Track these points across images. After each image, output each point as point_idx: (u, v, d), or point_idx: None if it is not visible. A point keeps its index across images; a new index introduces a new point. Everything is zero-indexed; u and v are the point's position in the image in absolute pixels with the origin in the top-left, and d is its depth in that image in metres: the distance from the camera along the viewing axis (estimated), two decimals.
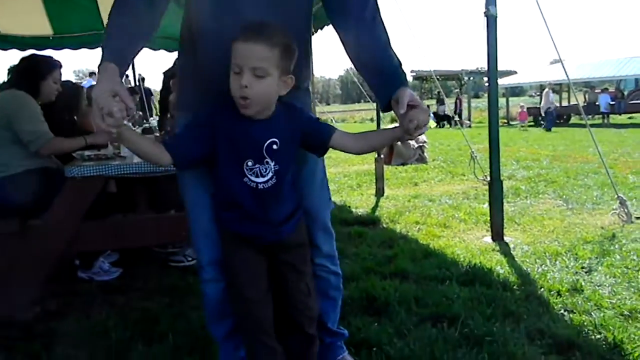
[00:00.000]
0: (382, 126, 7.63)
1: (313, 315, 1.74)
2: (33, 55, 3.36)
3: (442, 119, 21.71)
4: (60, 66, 3.33)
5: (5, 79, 3.35)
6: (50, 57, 3.32)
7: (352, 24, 1.66)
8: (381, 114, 7.30)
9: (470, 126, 21.05)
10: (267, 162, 1.56)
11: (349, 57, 1.71)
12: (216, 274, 1.74)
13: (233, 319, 1.75)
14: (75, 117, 3.85)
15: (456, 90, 26.08)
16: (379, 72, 1.64)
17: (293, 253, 1.69)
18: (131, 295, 2.97)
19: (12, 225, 2.79)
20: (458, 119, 22.42)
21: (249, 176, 1.56)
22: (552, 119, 18.31)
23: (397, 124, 1.57)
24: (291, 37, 1.50)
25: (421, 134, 1.52)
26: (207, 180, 1.66)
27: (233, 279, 1.67)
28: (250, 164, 1.55)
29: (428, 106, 1.65)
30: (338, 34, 1.71)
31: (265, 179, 1.57)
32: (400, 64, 1.65)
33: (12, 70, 3.25)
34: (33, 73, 3.19)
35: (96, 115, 1.33)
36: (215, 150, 1.56)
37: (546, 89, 19.34)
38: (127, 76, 14.05)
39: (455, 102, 23.44)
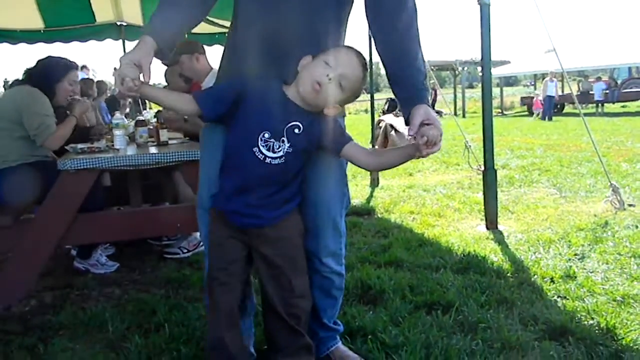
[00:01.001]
0: (376, 117, 7.63)
1: (296, 312, 1.72)
2: (50, 57, 3.34)
3: None
4: (77, 67, 3.34)
5: (21, 79, 3.34)
6: (66, 59, 3.31)
7: (384, 33, 1.68)
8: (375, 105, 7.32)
9: (441, 115, 21.21)
10: (283, 141, 1.59)
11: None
12: None
13: None
14: (67, 112, 3.83)
15: (432, 81, 26.30)
16: (402, 86, 1.66)
17: (274, 247, 1.68)
18: (127, 287, 2.98)
19: (6, 219, 2.78)
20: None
21: (260, 147, 1.58)
22: (550, 108, 18.10)
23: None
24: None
25: (434, 152, 1.53)
26: (217, 154, 1.70)
27: (208, 253, 1.75)
28: (267, 136, 1.58)
29: None
30: (373, 38, 1.72)
31: (276, 155, 1.59)
32: (425, 77, 1.66)
33: (28, 72, 3.24)
34: (49, 75, 3.20)
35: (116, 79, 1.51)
36: (238, 110, 1.60)
37: (546, 78, 19.16)
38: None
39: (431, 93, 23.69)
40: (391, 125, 8.98)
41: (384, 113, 23.05)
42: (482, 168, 4.03)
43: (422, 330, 2.19)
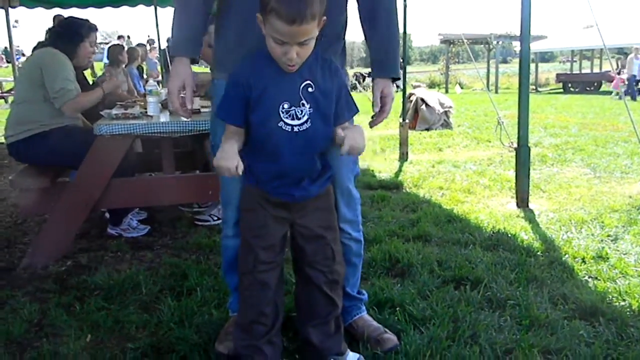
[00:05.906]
0: (408, 90, 7.52)
1: (336, 279, 1.75)
2: (71, 17, 3.39)
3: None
4: (96, 30, 3.38)
5: (43, 39, 3.40)
6: (87, 21, 3.35)
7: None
8: (407, 78, 7.19)
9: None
10: (303, 104, 1.58)
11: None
12: (236, 231, 1.81)
13: None
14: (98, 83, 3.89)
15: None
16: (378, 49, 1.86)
17: (318, 217, 1.70)
18: (159, 251, 3.04)
19: (45, 181, 2.86)
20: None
21: (284, 120, 1.57)
22: (635, 87, 16.51)
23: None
24: None
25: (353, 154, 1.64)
26: None
27: (248, 239, 1.70)
28: (286, 106, 1.57)
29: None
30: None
31: (301, 121, 1.58)
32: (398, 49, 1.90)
33: (50, 31, 3.28)
34: (71, 35, 3.24)
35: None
36: (250, 100, 1.58)
37: (631, 55, 17.76)
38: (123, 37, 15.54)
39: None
40: (422, 99, 8.89)
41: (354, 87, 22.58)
42: (514, 145, 3.95)
43: (450, 304, 2.19)
